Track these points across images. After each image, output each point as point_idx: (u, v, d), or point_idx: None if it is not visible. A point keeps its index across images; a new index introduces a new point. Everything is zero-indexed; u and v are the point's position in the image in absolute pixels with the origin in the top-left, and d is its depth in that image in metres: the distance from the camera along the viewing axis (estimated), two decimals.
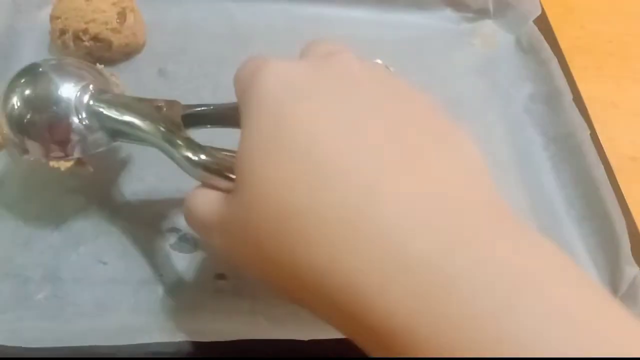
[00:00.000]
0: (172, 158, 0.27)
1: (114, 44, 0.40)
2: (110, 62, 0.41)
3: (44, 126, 0.30)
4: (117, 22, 0.39)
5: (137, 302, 0.31)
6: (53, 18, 0.40)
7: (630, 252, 0.35)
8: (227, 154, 0.31)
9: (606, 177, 0.38)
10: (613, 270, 0.36)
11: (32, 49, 0.42)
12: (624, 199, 0.38)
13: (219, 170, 0.25)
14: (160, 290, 0.32)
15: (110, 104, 0.30)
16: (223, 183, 0.25)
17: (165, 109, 0.29)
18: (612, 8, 0.53)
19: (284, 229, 0.20)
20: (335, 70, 0.23)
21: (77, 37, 0.39)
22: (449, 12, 0.49)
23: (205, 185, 0.26)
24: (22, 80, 0.30)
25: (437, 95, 0.42)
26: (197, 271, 0.33)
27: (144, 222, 0.34)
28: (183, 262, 0.33)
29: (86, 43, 0.39)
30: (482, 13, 0.49)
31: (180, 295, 0.32)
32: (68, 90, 0.30)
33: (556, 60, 0.43)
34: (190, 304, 0.31)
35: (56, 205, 0.34)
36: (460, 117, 0.41)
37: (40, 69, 0.30)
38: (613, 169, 0.40)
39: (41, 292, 0.31)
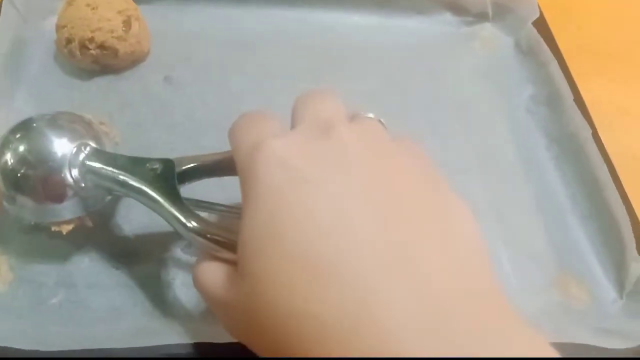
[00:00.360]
0: (168, 222, 0.28)
1: (119, 51, 0.40)
2: (116, 69, 0.42)
3: (38, 181, 0.29)
4: (122, 30, 0.40)
5: (150, 305, 0.31)
6: (59, 27, 0.40)
7: (635, 250, 0.35)
8: (224, 210, 0.32)
9: (609, 177, 0.38)
10: (619, 267, 0.36)
11: (39, 58, 0.42)
12: (628, 198, 0.38)
13: (215, 239, 0.25)
14: (173, 293, 0.32)
15: (106, 165, 0.29)
16: (227, 255, 0.25)
17: (160, 170, 0.29)
18: (608, 9, 0.54)
19: (283, 329, 0.20)
20: (332, 152, 0.23)
21: (83, 46, 0.39)
22: (448, 16, 0.49)
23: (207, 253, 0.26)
24: (17, 136, 0.30)
25: (441, 100, 0.43)
26: None
27: (156, 226, 0.34)
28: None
29: (92, 51, 0.39)
30: (481, 17, 0.49)
31: (194, 298, 0.32)
32: (62, 147, 0.29)
33: (556, 62, 0.44)
34: (203, 307, 0.32)
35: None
36: (464, 121, 0.43)
37: (35, 124, 0.30)
38: (616, 168, 0.40)
39: (55, 296, 0.31)
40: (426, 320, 0.18)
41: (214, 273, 0.25)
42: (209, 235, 0.26)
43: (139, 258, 0.33)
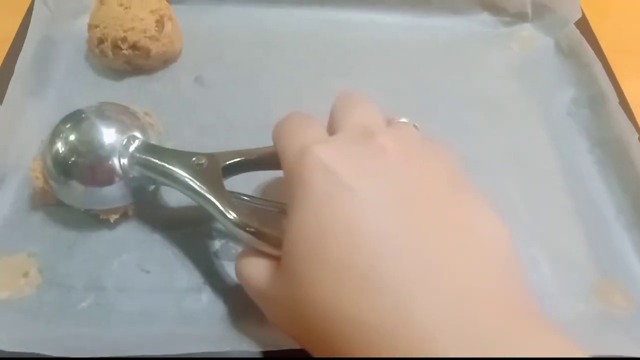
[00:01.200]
0: (213, 214, 0.29)
1: (152, 52, 0.39)
2: (148, 70, 0.41)
3: (88, 169, 0.31)
4: (155, 30, 0.39)
5: (181, 310, 0.31)
6: (91, 27, 0.40)
7: None
8: (266, 205, 0.33)
9: None
10: None
11: (69, 58, 0.42)
12: None
13: (260, 233, 0.27)
14: (204, 298, 0.31)
15: (154, 157, 0.31)
16: (268, 249, 0.26)
17: (205, 165, 0.30)
18: None
19: (328, 330, 0.22)
20: (373, 159, 0.24)
21: (115, 46, 0.39)
22: (485, 16, 0.48)
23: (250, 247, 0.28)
24: (67, 126, 0.31)
25: (476, 100, 0.42)
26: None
27: (185, 229, 0.34)
28: (227, 270, 0.32)
29: (125, 51, 0.39)
30: (520, 17, 0.48)
31: (225, 303, 0.31)
32: (111, 137, 0.31)
33: (600, 63, 0.42)
34: (234, 312, 0.31)
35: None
36: (501, 122, 0.41)
37: (84, 115, 0.32)
38: None
39: (85, 300, 0.31)
40: (460, 325, 0.20)
41: (257, 267, 0.26)
42: (249, 229, 0.27)
43: (170, 261, 0.33)
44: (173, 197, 0.35)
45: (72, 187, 0.31)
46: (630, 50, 0.48)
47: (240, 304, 0.31)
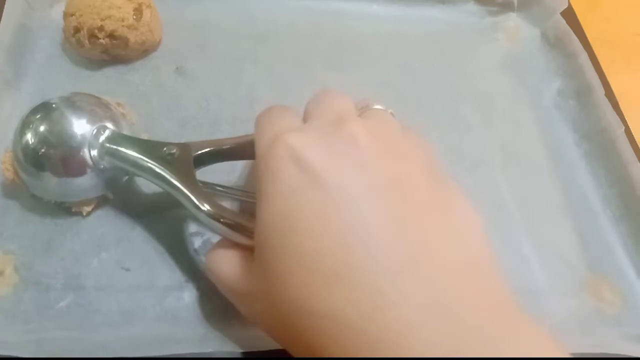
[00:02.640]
0: (184, 205, 0.28)
1: (130, 41, 0.38)
2: (126, 60, 0.40)
3: (59, 160, 0.30)
4: (133, 18, 0.38)
5: (163, 309, 0.30)
6: (67, 15, 0.38)
7: None
8: (240, 195, 0.33)
9: None
10: None
11: (45, 48, 0.40)
12: None
13: (229, 224, 0.26)
14: (186, 296, 0.31)
15: (125, 148, 0.30)
16: (242, 240, 0.26)
17: (177, 154, 0.29)
18: (636, 1, 0.52)
19: (301, 323, 0.21)
20: (344, 147, 0.24)
21: (92, 35, 0.37)
22: (471, 6, 0.47)
23: (223, 240, 0.27)
24: (37, 117, 0.30)
25: (463, 92, 0.42)
26: None
27: (166, 226, 0.33)
28: None
29: (102, 40, 0.38)
30: (506, 6, 0.47)
31: (208, 302, 0.30)
32: (82, 127, 0.30)
33: (586, 54, 0.42)
34: (218, 311, 0.30)
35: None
36: (488, 114, 0.41)
37: (54, 105, 0.31)
38: None
39: (63, 300, 0.30)
40: (433, 320, 0.19)
41: (229, 262, 0.26)
42: (222, 220, 0.26)
43: (150, 258, 0.32)
44: (152, 193, 0.34)
45: (43, 179, 0.30)
46: (616, 41, 0.48)
47: (223, 303, 0.30)
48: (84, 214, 0.32)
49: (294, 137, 0.24)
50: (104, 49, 0.38)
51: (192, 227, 0.33)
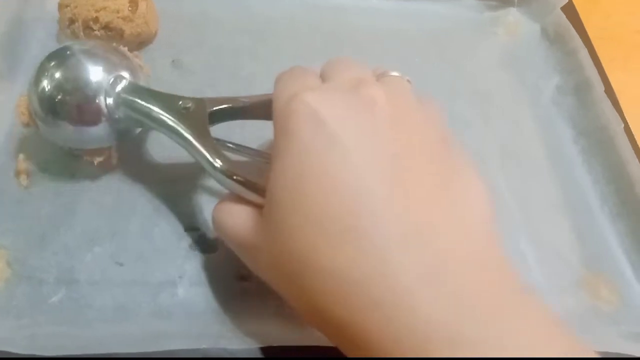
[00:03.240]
0: (196, 160, 0.28)
1: (125, 33, 0.38)
2: None
3: (73, 107, 0.30)
4: (129, 10, 0.38)
5: (157, 305, 0.30)
6: (62, 6, 0.38)
7: None
8: (253, 154, 0.32)
9: None
10: None
11: (40, 39, 0.40)
12: None
13: (247, 182, 0.26)
14: (180, 292, 0.30)
15: (140, 99, 0.30)
16: (253, 197, 0.26)
17: (192, 109, 0.29)
18: None
19: (306, 280, 0.22)
20: (361, 108, 0.24)
21: (87, 26, 0.37)
22: (471, 0, 0.47)
23: (232, 194, 0.27)
24: (52, 63, 0.30)
25: (462, 88, 0.41)
26: (218, 272, 0.31)
27: (160, 221, 0.33)
28: (203, 263, 0.31)
29: (97, 32, 0.37)
30: (506, 1, 0.47)
31: (202, 297, 0.30)
32: (98, 75, 0.30)
33: (586, 50, 0.42)
34: (212, 307, 0.30)
35: (68, 204, 0.32)
36: (487, 111, 0.41)
37: (69, 52, 0.31)
38: None
39: (56, 294, 0.29)
40: (433, 281, 0.20)
41: (239, 216, 0.26)
42: (235, 177, 0.26)
43: (145, 253, 0.31)
44: (146, 186, 0.34)
45: (58, 126, 0.30)
46: (617, 38, 0.48)
47: (218, 299, 0.30)
48: (95, 163, 0.32)
49: (312, 96, 0.24)
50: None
51: (188, 223, 0.33)
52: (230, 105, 0.31)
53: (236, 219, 0.26)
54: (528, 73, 0.44)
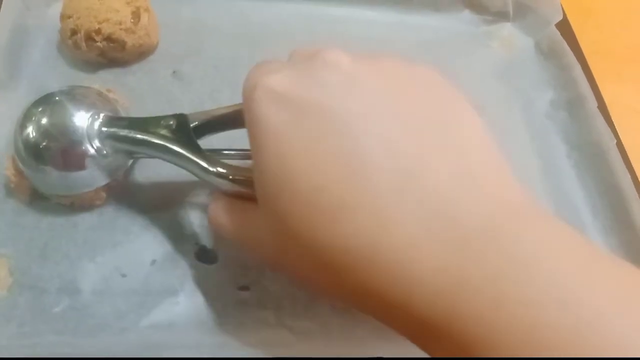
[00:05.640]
0: (191, 172, 0.28)
1: (127, 44, 0.38)
2: (123, 63, 0.40)
3: (59, 153, 0.30)
4: (131, 21, 0.38)
5: (158, 314, 0.30)
6: (64, 17, 0.38)
7: None
8: (242, 155, 0.33)
9: (633, 187, 0.37)
10: None
11: (41, 48, 0.40)
12: None
13: (240, 180, 0.27)
14: (182, 302, 0.31)
15: (122, 128, 0.30)
16: (244, 191, 0.26)
17: (175, 125, 0.30)
18: (630, 12, 0.53)
19: (312, 259, 0.22)
20: (326, 73, 0.23)
21: (89, 38, 0.37)
22: (467, 14, 0.48)
23: (226, 193, 0.27)
24: (38, 110, 0.31)
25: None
26: (219, 282, 0.32)
27: (162, 232, 0.33)
28: (204, 274, 0.32)
29: (99, 44, 0.38)
30: (501, 16, 0.47)
31: (203, 307, 0.31)
32: (81, 119, 0.30)
33: (579, 66, 0.42)
34: (213, 317, 0.30)
35: (69, 214, 0.33)
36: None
37: (56, 98, 0.31)
38: (637, 175, 0.39)
39: (58, 304, 0.30)
40: (435, 232, 0.19)
41: (233, 212, 0.26)
42: (231, 177, 0.27)
43: (146, 263, 0.32)
44: (147, 198, 0.34)
45: (44, 173, 0.30)
46: (610, 52, 0.49)
47: (218, 309, 0.31)
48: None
49: (271, 78, 0.23)
50: (100, 51, 0.38)
51: (188, 234, 0.33)
52: (209, 118, 0.31)
53: (232, 216, 0.26)
54: (522, 87, 0.44)
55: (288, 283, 0.31)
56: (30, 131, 0.30)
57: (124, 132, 0.30)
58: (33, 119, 0.30)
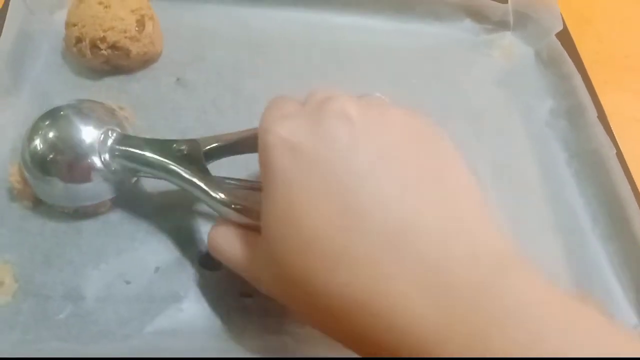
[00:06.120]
0: (199, 198, 0.29)
1: (132, 52, 0.38)
2: (127, 70, 0.40)
3: (66, 166, 0.31)
4: (135, 30, 0.38)
5: (162, 321, 0.30)
6: (69, 25, 0.38)
7: None
8: (250, 185, 0.34)
9: (632, 195, 0.37)
10: (638, 289, 0.35)
11: (46, 55, 0.40)
12: None
13: (245, 209, 0.28)
14: (185, 309, 0.31)
15: (135, 148, 0.31)
16: (249, 222, 0.27)
17: (186, 150, 0.30)
18: (629, 22, 0.53)
19: (309, 300, 0.23)
20: (336, 124, 0.24)
21: (94, 46, 0.38)
22: (468, 23, 0.48)
23: (229, 221, 0.28)
24: (46, 123, 0.31)
25: (456, 108, 0.42)
26: (221, 289, 0.32)
27: (165, 239, 0.33)
28: (207, 281, 0.32)
29: (104, 52, 0.38)
30: (501, 25, 0.48)
31: (207, 314, 0.31)
32: (89, 134, 0.31)
33: (579, 75, 0.43)
34: (215, 323, 0.31)
35: (73, 221, 0.33)
36: (480, 132, 0.41)
37: (62, 112, 0.32)
38: (637, 184, 0.39)
39: (62, 311, 0.30)
40: (429, 289, 0.20)
41: (234, 240, 0.27)
42: (237, 207, 0.28)
43: (149, 270, 0.32)
44: (151, 205, 0.34)
45: (50, 184, 0.31)
46: (610, 62, 0.49)
47: (221, 315, 0.31)
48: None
49: (285, 126, 0.24)
50: (105, 59, 0.38)
51: (192, 241, 0.33)
52: (221, 143, 0.32)
53: (233, 244, 0.27)
54: (522, 95, 0.45)
55: None
56: (38, 143, 0.31)
57: (136, 152, 0.31)
58: (40, 132, 0.31)
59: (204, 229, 0.34)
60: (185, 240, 0.33)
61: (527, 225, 0.38)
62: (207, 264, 0.32)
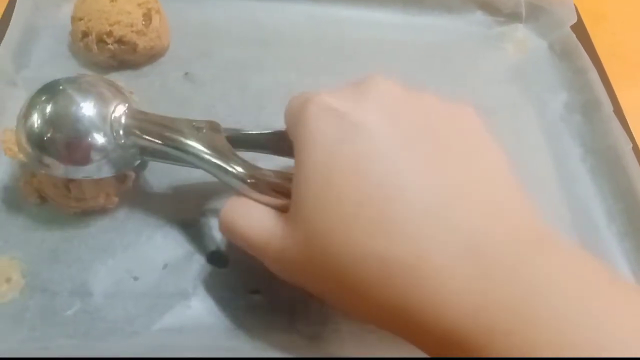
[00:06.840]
0: (221, 178, 0.28)
1: (139, 46, 0.38)
2: (134, 65, 0.40)
3: (63, 144, 0.29)
4: (142, 24, 0.38)
5: (170, 317, 0.30)
6: (75, 19, 0.38)
7: None
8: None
9: None
10: None
11: (52, 49, 0.40)
12: None
13: (274, 189, 0.26)
14: (193, 305, 0.31)
15: (151, 124, 0.29)
16: (276, 202, 0.26)
17: (205, 130, 0.29)
18: None
19: (342, 272, 0.22)
20: (377, 97, 0.24)
21: (100, 40, 0.37)
22: (479, 15, 0.47)
23: (240, 197, 0.27)
24: (43, 98, 0.29)
25: (469, 100, 0.41)
26: (230, 286, 0.31)
27: (174, 235, 0.33)
28: (215, 278, 0.32)
29: (110, 46, 0.37)
30: (513, 17, 0.47)
31: (215, 311, 0.30)
32: (89, 109, 0.29)
33: (595, 70, 0.42)
34: (224, 320, 0.30)
35: (82, 217, 0.33)
36: (493, 125, 0.41)
37: (61, 87, 0.30)
38: None
39: (70, 308, 0.30)
40: (465, 266, 0.20)
41: (252, 216, 0.26)
42: (251, 180, 0.27)
43: (158, 267, 0.32)
44: (159, 201, 0.34)
45: (47, 163, 0.29)
46: (626, 56, 0.48)
47: (229, 312, 0.30)
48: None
49: (326, 95, 0.25)
50: (112, 54, 0.38)
51: (200, 237, 0.33)
52: (243, 133, 0.31)
53: (251, 221, 0.26)
54: (536, 89, 0.44)
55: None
56: (35, 120, 0.29)
57: (152, 128, 0.29)
58: (37, 107, 0.29)
59: (213, 225, 0.33)
60: (193, 237, 0.33)
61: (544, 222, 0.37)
62: (215, 260, 0.32)
